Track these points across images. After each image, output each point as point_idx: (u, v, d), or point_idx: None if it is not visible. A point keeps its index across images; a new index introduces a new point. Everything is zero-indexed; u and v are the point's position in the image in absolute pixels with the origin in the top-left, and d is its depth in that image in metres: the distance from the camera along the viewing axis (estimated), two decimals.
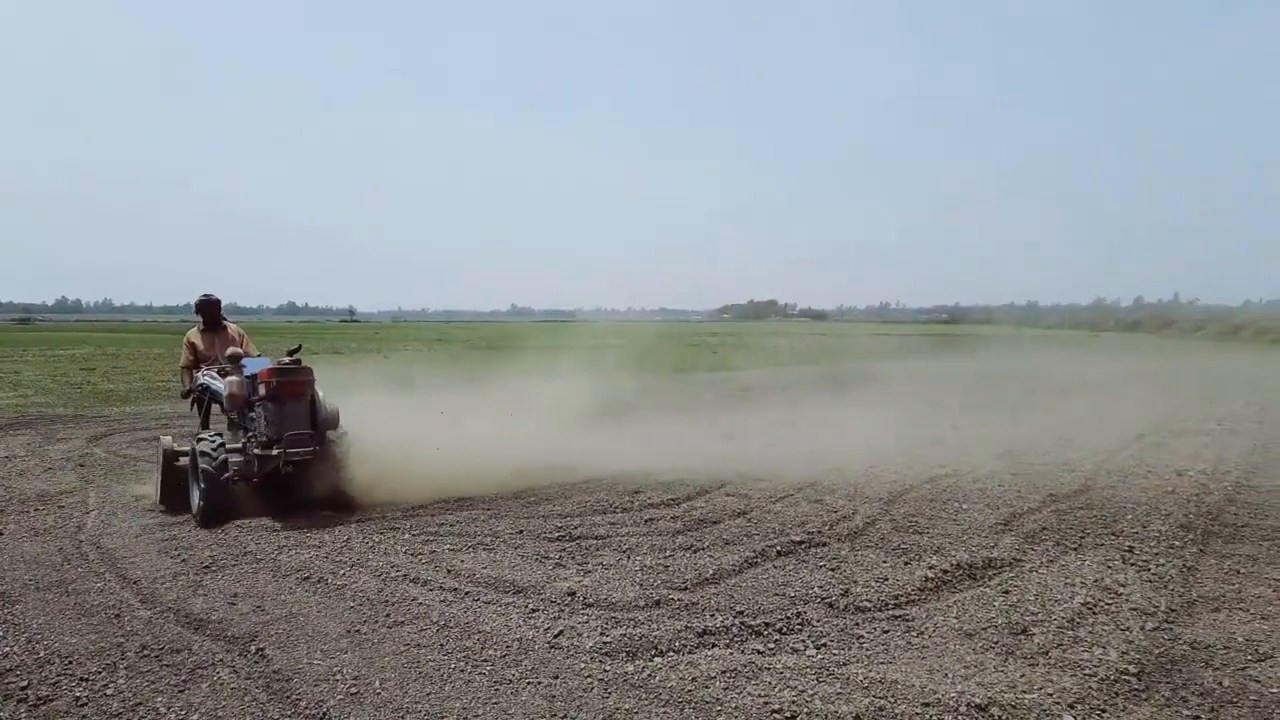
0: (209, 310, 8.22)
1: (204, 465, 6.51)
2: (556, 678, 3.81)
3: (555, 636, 4.26)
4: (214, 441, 6.76)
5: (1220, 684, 3.70)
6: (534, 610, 4.63)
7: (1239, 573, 5.26)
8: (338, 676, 3.81)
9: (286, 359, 6.89)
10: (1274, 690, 3.63)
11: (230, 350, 7.54)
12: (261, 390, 6.77)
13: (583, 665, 3.93)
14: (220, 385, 7.32)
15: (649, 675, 3.82)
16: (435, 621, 4.47)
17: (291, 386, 6.78)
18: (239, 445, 6.96)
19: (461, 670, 3.89)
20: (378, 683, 3.76)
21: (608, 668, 3.90)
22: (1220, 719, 3.41)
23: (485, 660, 4.00)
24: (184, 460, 7.06)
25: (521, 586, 5.00)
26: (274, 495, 6.96)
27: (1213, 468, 8.70)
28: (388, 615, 4.56)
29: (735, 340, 49.16)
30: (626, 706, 3.55)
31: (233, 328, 8.34)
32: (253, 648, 4.14)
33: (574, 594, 4.85)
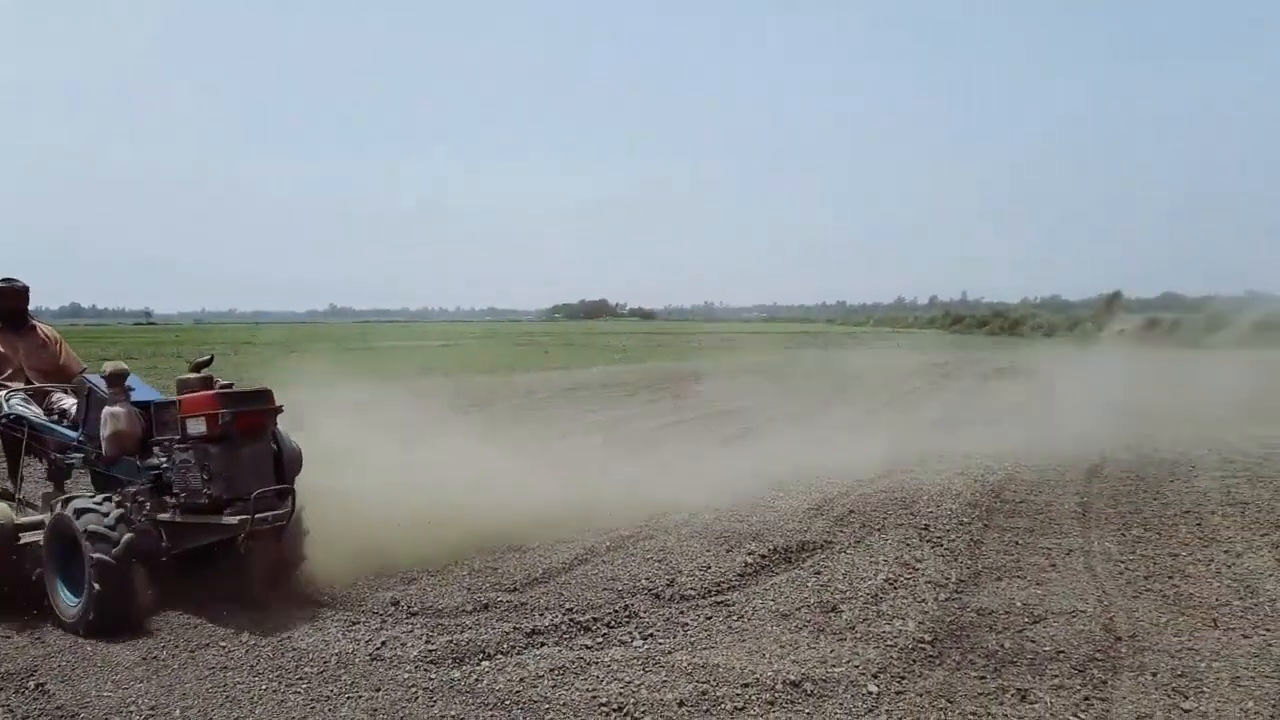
0: (11, 301, 5.98)
1: (98, 552, 4.29)
2: (379, 690, 3.68)
3: (377, 648, 4.11)
4: (103, 508, 4.52)
5: (1002, 645, 4.09)
6: (354, 623, 4.45)
7: (1018, 544, 5.85)
8: (132, 708, 3.52)
9: (193, 376, 4.84)
10: (1047, 648, 4.06)
11: (111, 366, 5.11)
12: (201, 427, 4.55)
13: (406, 675, 3.82)
14: (28, 413, 5.39)
15: (476, 680, 3.76)
16: (244, 641, 4.20)
17: (249, 421, 4.63)
18: (119, 510, 4.62)
19: (274, 690, 3.68)
20: (178, 711, 3.49)
21: (433, 675, 3.81)
22: (1003, 677, 3.77)
23: (300, 678, 3.80)
24: (31, 538, 4.84)
25: (340, 598, 4.78)
26: (190, 581, 4.92)
27: (995, 450, 9.59)
28: (189, 639, 4.24)
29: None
30: (453, 713, 3.48)
31: (44, 328, 6.20)
32: (31, 683, 3.78)
33: (398, 603, 4.70)
